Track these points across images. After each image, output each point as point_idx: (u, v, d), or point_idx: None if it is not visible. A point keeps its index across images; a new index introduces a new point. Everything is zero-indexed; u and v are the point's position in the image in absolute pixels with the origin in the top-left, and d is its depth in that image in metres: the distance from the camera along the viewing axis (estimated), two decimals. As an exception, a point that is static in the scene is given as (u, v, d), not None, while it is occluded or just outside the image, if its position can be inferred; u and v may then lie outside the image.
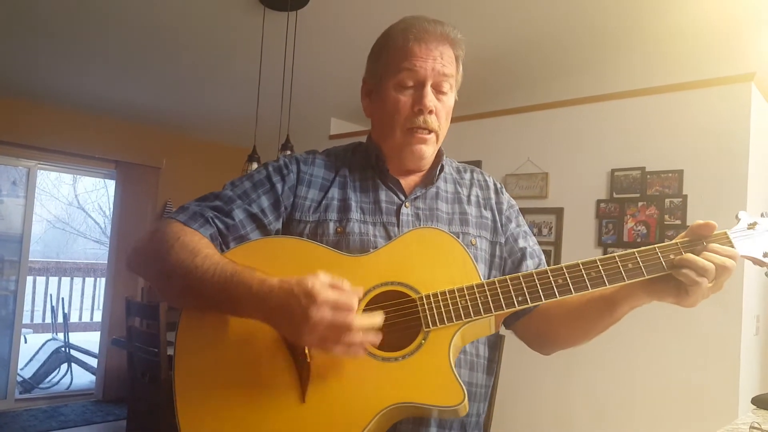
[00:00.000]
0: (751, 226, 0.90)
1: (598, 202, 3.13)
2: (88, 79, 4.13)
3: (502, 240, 1.11)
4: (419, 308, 0.90)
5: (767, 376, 3.22)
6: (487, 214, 1.12)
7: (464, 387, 0.84)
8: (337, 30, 3.46)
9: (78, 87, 4.26)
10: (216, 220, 0.97)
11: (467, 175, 1.17)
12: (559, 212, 3.28)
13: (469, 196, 1.13)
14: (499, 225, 1.12)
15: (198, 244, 0.91)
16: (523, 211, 1.22)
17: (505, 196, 1.18)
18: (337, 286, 0.80)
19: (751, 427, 1.27)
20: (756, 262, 0.90)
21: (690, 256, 0.86)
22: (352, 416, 0.83)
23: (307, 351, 0.86)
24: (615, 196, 3.08)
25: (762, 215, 0.92)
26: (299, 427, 0.83)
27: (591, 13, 3.24)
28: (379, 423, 0.84)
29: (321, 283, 0.79)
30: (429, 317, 0.89)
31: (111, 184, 5.30)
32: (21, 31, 3.42)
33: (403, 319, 0.90)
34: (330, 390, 0.85)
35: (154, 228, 0.98)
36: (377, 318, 0.82)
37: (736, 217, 0.92)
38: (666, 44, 3.42)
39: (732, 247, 0.88)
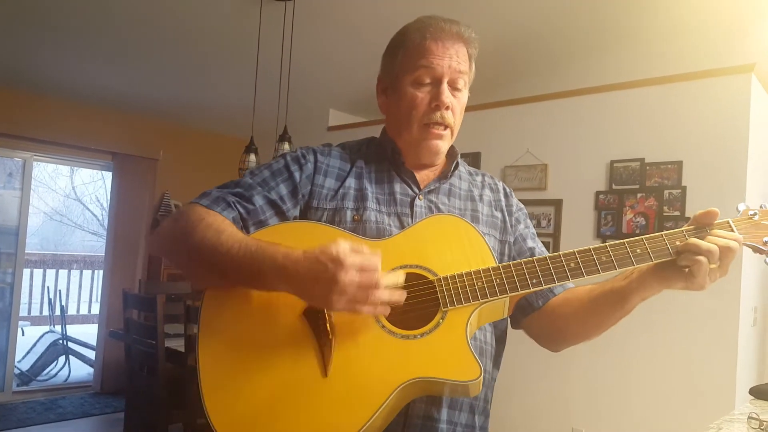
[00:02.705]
0: (752, 216, 0.94)
1: (597, 193, 3.13)
2: (84, 69, 4.10)
3: (511, 239, 1.15)
4: (437, 289, 0.93)
5: (765, 367, 3.23)
6: (498, 214, 1.16)
7: (480, 363, 0.87)
8: (336, 20, 3.43)
9: (74, 78, 4.23)
10: (238, 205, 1.01)
11: (479, 178, 1.21)
12: (558, 204, 3.28)
13: (481, 196, 1.16)
14: (508, 225, 1.16)
15: (222, 224, 0.95)
16: (522, 203, 1.24)
17: (515, 200, 1.22)
18: (358, 250, 0.84)
19: (749, 418, 1.27)
20: (756, 250, 0.94)
21: (694, 240, 0.90)
22: (372, 390, 0.86)
23: (329, 327, 0.90)
24: (614, 187, 3.07)
25: (761, 206, 0.95)
26: (322, 399, 0.87)
27: (591, 4, 3.22)
28: (398, 397, 0.87)
29: (344, 248, 0.82)
30: (447, 297, 0.93)
31: (108, 176, 5.29)
32: (18, 22, 3.39)
33: (422, 299, 0.94)
34: (351, 365, 0.89)
35: (178, 212, 1.02)
36: (399, 276, 0.87)
37: (737, 208, 0.96)
38: (666, 35, 3.41)
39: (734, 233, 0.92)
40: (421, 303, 0.94)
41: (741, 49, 3.18)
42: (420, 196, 1.09)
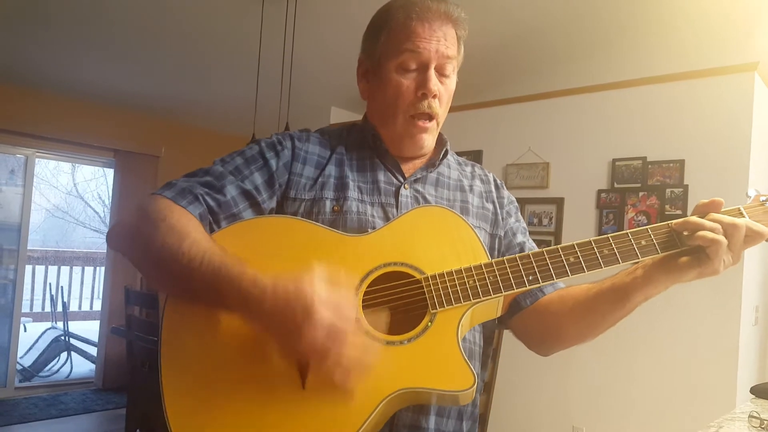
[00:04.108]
0: (763, 202, 0.88)
1: (599, 192, 3.12)
2: (86, 66, 4.10)
3: (501, 233, 1.08)
4: (425, 289, 0.85)
5: (766, 366, 3.22)
6: (489, 206, 1.09)
7: (474, 371, 0.80)
8: (338, 17, 3.43)
9: (76, 75, 4.23)
10: (207, 197, 0.91)
11: (468, 168, 1.14)
12: (559, 202, 3.27)
13: (471, 187, 1.09)
14: (499, 218, 1.09)
15: (186, 227, 0.84)
16: (524, 201, 1.21)
17: (506, 192, 1.15)
18: (332, 295, 0.73)
19: (750, 416, 1.27)
20: None
21: (696, 218, 0.84)
22: (355, 403, 0.77)
23: None
24: (616, 186, 3.07)
25: None
26: (299, 415, 0.78)
27: (594, 1, 3.21)
28: (383, 410, 0.80)
29: (319, 294, 0.72)
30: (435, 298, 0.85)
31: (110, 173, 5.29)
32: (20, 18, 3.39)
33: (408, 301, 0.86)
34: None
35: (139, 205, 0.91)
36: (372, 350, 0.77)
37: (747, 194, 0.90)
38: (668, 33, 3.40)
39: None
40: (407, 305, 0.86)
41: (744, 48, 3.17)
42: (405, 185, 1.01)
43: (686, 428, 2.63)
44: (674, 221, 0.87)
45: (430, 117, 0.99)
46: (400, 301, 0.86)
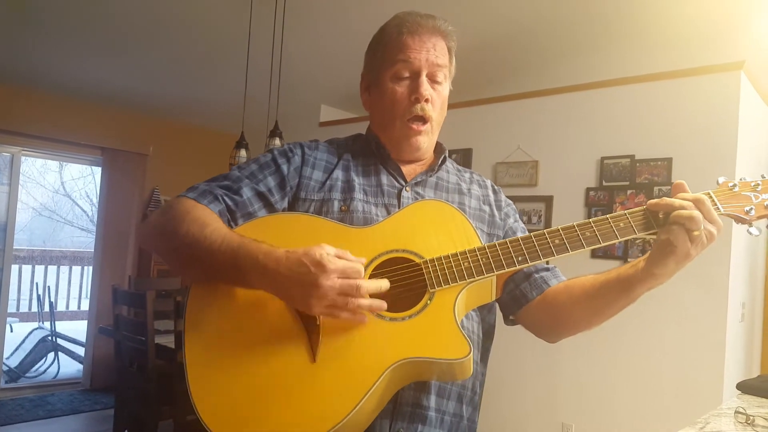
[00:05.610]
0: (732, 187, 0.94)
1: (588, 190, 3.14)
2: (74, 64, 4.06)
3: (500, 233, 1.16)
4: (424, 271, 0.94)
5: (752, 362, 3.26)
6: (486, 208, 1.17)
7: (469, 341, 0.87)
8: (327, 15, 3.42)
9: (63, 72, 4.19)
10: (225, 198, 1.02)
11: (467, 175, 1.23)
12: (548, 200, 3.29)
13: (469, 190, 1.18)
14: (497, 219, 1.16)
15: (207, 218, 0.95)
16: (513, 199, 1.26)
17: (503, 196, 1.23)
18: (342, 255, 0.84)
19: (736, 412, 1.28)
20: (738, 219, 0.93)
21: (666, 198, 0.91)
22: (362, 374, 0.86)
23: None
24: (604, 184, 3.08)
25: (741, 179, 0.95)
26: (311, 384, 0.87)
27: (583, 2, 3.22)
28: (388, 381, 0.87)
29: (328, 252, 0.83)
30: (434, 279, 0.94)
31: (98, 172, 5.25)
32: (6, 16, 3.34)
33: (409, 282, 0.95)
34: (340, 350, 0.89)
35: (166, 204, 1.03)
36: (383, 282, 0.87)
37: (717, 181, 0.96)
38: (656, 32, 3.42)
39: (716, 205, 0.92)
40: (409, 286, 0.95)
41: (730, 47, 3.20)
42: (407, 188, 1.10)
43: (674, 424, 2.66)
44: (650, 201, 0.93)
45: (424, 120, 1.08)
46: (403, 282, 0.95)
